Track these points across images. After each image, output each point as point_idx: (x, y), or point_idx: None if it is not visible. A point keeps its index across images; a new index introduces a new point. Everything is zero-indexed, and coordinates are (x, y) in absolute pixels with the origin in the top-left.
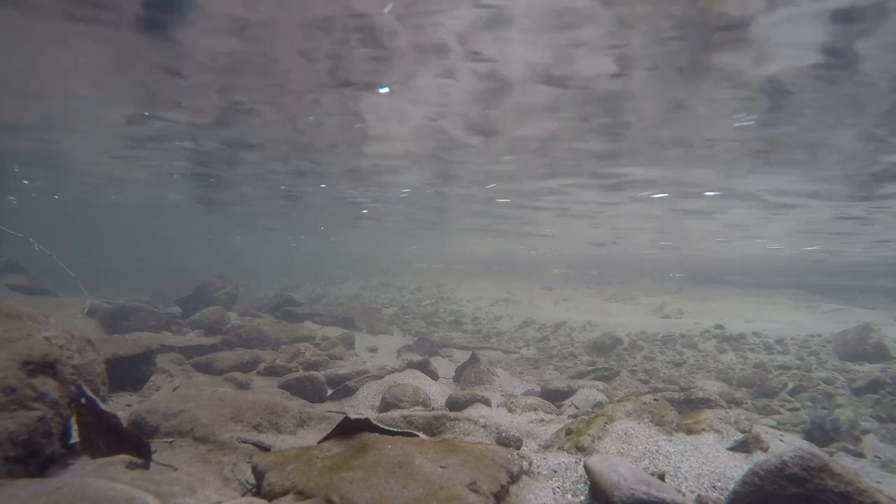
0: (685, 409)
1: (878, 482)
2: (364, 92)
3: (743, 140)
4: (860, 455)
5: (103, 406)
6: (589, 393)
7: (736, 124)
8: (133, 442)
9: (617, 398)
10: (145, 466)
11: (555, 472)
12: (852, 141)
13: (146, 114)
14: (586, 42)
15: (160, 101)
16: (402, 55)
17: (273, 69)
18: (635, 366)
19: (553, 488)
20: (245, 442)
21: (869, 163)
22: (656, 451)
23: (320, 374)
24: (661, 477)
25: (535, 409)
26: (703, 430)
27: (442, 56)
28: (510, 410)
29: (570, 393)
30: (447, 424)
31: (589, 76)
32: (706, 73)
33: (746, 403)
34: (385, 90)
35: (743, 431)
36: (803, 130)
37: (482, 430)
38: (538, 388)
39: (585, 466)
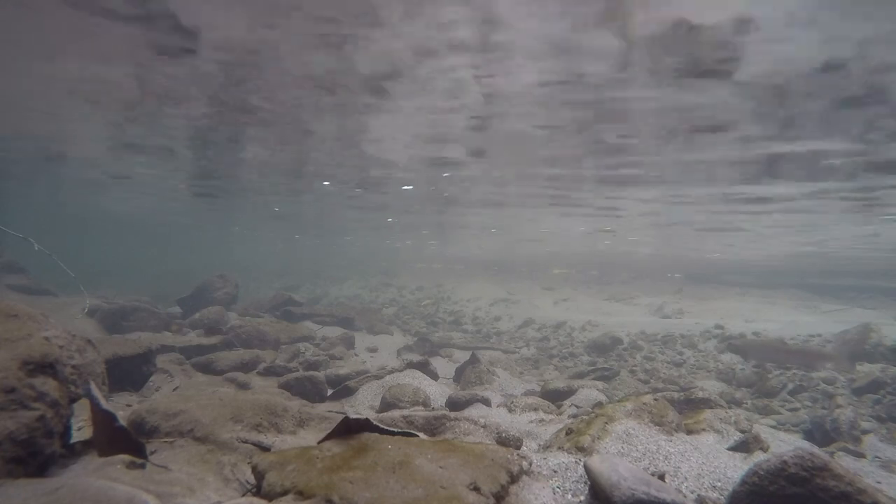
0: (685, 409)
1: (878, 482)
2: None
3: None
4: (860, 455)
5: (105, 404)
6: (589, 393)
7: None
8: (132, 441)
9: (617, 398)
10: (145, 466)
11: (555, 472)
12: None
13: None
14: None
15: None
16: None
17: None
18: (635, 366)
19: (553, 488)
20: (245, 442)
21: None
22: (656, 451)
23: (320, 374)
24: (662, 477)
25: (535, 409)
26: (703, 430)
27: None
28: (510, 410)
29: (570, 393)
30: (447, 424)
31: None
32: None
33: (746, 403)
34: None
35: (743, 431)
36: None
37: (482, 430)
38: (538, 388)
39: (585, 466)
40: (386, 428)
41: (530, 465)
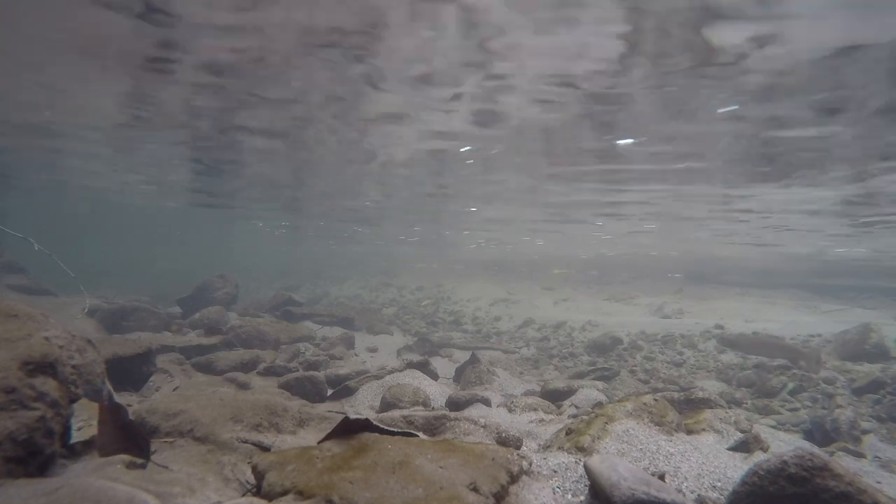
0: (685, 409)
1: (878, 482)
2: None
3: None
4: (860, 455)
5: (116, 398)
6: (589, 393)
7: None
8: (138, 438)
9: (617, 398)
10: (145, 466)
11: (555, 472)
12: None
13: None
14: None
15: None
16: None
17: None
18: (635, 366)
19: (553, 488)
20: (245, 442)
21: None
22: (656, 451)
23: (320, 374)
24: (662, 477)
25: (535, 409)
26: (703, 430)
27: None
28: (510, 410)
29: (570, 393)
30: (447, 424)
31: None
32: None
33: (746, 403)
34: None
35: (743, 431)
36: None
37: (482, 430)
38: (538, 388)
39: (585, 466)
40: (386, 428)
41: (530, 464)
